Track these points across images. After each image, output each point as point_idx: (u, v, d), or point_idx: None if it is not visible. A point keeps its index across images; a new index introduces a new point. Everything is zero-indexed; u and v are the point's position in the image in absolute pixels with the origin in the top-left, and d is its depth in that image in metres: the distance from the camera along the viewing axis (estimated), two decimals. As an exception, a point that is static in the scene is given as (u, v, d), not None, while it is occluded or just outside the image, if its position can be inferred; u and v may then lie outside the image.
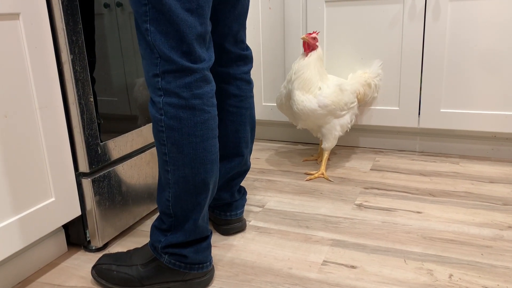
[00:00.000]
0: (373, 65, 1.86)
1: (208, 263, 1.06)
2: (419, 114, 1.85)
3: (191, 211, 1.00)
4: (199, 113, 0.94)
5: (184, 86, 0.92)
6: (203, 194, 0.99)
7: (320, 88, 1.60)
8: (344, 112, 1.67)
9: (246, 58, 1.21)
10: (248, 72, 1.22)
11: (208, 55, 0.96)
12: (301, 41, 1.95)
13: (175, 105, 0.93)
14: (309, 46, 1.61)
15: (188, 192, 0.98)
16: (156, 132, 0.97)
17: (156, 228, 1.06)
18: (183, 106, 0.93)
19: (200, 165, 0.96)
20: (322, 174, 1.71)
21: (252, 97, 1.24)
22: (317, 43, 1.62)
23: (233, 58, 1.18)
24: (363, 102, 1.89)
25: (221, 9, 1.12)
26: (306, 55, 1.61)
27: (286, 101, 1.68)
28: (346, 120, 1.69)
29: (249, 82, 1.23)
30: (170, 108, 0.93)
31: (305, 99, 1.58)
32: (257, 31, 2.03)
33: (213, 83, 0.98)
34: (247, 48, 1.21)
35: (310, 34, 1.61)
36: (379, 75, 1.85)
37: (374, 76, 1.83)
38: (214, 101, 0.98)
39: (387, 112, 1.90)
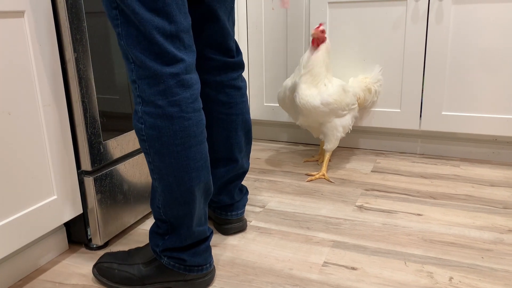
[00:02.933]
0: (374, 70, 1.87)
1: (207, 265, 1.06)
2: (420, 116, 1.85)
3: (182, 218, 0.99)
4: (178, 121, 0.91)
5: (159, 93, 0.89)
6: (191, 203, 0.97)
7: (325, 85, 1.60)
8: (345, 112, 1.67)
9: (234, 65, 1.17)
10: (238, 78, 1.19)
11: (185, 55, 0.92)
12: (304, 42, 1.95)
13: (153, 114, 0.90)
14: (318, 40, 1.60)
15: (175, 200, 0.97)
16: (139, 141, 0.95)
17: (153, 232, 1.05)
18: (160, 115, 0.90)
19: (184, 174, 0.94)
20: (323, 175, 1.71)
21: (243, 102, 1.21)
22: (325, 35, 1.61)
23: (220, 66, 1.16)
24: (362, 107, 1.89)
25: (203, 21, 1.10)
26: (316, 49, 1.60)
27: (290, 94, 1.66)
28: (347, 120, 1.69)
29: (239, 88, 1.19)
30: (148, 117, 0.91)
31: (309, 94, 1.58)
32: (259, 31, 2.03)
33: (196, 87, 0.94)
34: (238, 54, 1.18)
35: (318, 27, 1.59)
36: (380, 81, 1.86)
37: (374, 82, 1.84)
38: (197, 105, 0.94)
39: (388, 114, 1.90)
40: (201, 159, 0.96)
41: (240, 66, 1.19)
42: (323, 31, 1.59)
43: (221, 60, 1.15)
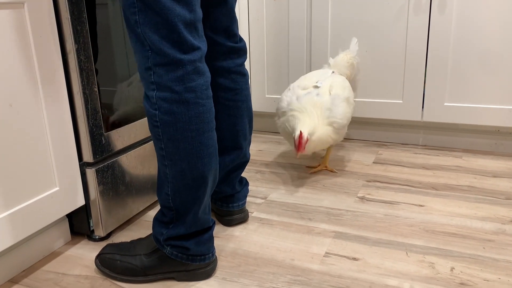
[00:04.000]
0: (351, 44, 1.85)
1: (210, 255, 1.07)
2: (422, 107, 1.84)
3: (191, 204, 1.00)
4: (193, 107, 0.93)
5: (176, 79, 0.91)
6: (202, 188, 0.99)
7: (328, 109, 1.48)
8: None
9: (240, 51, 1.19)
10: (242, 64, 1.21)
11: (201, 43, 0.94)
12: (306, 33, 1.95)
13: (169, 99, 0.91)
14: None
15: (186, 186, 0.98)
16: (151, 127, 0.96)
17: (158, 221, 1.06)
18: (176, 100, 0.91)
19: (197, 159, 0.95)
20: (326, 167, 1.71)
21: (247, 89, 1.23)
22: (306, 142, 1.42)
23: (226, 51, 1.17)
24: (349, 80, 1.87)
25: (211, 4, 1.11)
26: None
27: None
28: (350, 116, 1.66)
29: (244, 74, 1.21)
30: (163, 103, 0.92)
31: (322, 135, 1.47)
32: (261, 22, 2.03)
33: (207, 75, 0.96)
34: (241, 40, 1.20)
35: (301, 147, 1.40)
36: (357, 52, 1.85)
37: (354, 55, 1.82)
38: (209, 93, 0.96)
39: (390, 105, 1.89)
40: (212, 146, 0.98)
41: (244, 52, 1.21)
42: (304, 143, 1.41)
43: (228, 45, 1.16)
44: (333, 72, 1.66)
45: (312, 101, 1.48)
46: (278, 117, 1.59)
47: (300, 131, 1.40)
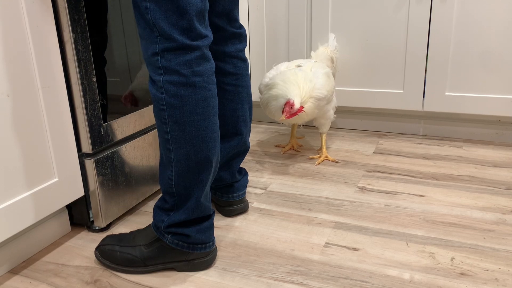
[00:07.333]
0: (329, 39, 1.86)
1: (210, 243, 1.07)
2: (423, 97, 1.83)
3: (193, 189, 1.00)
4: (200, 91, 0.94)
5: (184, 63, 0.92)
6: (206, 172, 1.00)
7: (310, 80, 1.53)
8: (333, 95, 1.65)
9: (240, 36, 1.21)
10: (243, 50, 1.22)
11: (208, 32, 0.96)
12: (305, 20, 1.93)
13: (176, 82, 0.92)
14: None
15: (190, 169, 0.98)
16: (157, 111, 0.96)
17: (159, 208, 1.06)
18: (183, 83, 0.92)
19: (202, 143, 0.97)
20: (326, 157, 1.71)
21: (248, 75, 1.24)
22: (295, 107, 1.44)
23: (228, 36, 1.18)
24: None
25: None
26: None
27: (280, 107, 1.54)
28: (334, 101, 1.68)
29: (244, 60, 1.23)
30: (170, 86, 0.93)
31: (310, 107, 1.52)
32: (261, 11, 2.01)
33: (212, 61, 0.98)
34: (241, 27, 1.21)
35: (293, 114, 1.44)
36: (336, 48, 1.86)
37: (333, 50, 1.82)
38: (214, 79, 0.98)
39: (391, 95, 1.88)
40: (216, 131, 0.99)
41: (245, 38, 1.22)
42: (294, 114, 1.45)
43: (229, 30, 1.18)
44: (315, 61, 1.68)
45: (294, 73, 1.52)
46: (261, 93, 1.62)
47: (289, 101, 1.43)
